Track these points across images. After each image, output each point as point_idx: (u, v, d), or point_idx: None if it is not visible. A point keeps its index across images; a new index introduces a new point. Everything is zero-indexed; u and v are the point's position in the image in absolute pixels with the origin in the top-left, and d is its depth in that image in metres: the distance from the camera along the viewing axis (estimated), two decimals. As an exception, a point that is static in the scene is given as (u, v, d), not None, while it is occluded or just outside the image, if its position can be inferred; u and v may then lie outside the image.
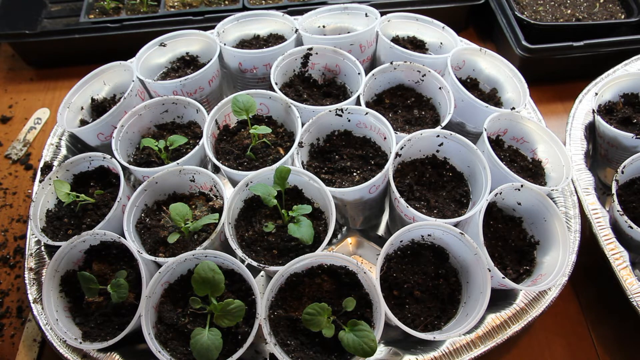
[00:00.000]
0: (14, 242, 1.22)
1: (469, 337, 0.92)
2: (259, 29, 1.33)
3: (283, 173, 0.92)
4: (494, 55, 1.20)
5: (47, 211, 1.04)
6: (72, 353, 0.91)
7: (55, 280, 0.94)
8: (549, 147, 1.08)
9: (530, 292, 0.96)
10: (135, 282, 0.92)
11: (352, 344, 0.78)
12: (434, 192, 1.03)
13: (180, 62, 1.29)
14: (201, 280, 0.82)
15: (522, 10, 1.53)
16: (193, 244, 0.95)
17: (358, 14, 1.30)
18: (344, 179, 1.01)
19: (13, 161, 1.38)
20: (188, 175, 1.02)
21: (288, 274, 0.88)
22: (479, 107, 1.08)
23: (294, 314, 0.86)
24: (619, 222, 1.02)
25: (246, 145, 1.06)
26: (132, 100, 1.13)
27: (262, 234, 0.95)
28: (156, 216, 1.02)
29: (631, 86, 1.23)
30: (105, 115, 1.05)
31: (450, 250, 0.96)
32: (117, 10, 1.57)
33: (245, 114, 1.04)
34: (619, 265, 0.99)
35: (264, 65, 1.22)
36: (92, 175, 1.09)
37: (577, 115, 1.25)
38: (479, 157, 0.99)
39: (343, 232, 1.16)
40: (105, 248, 0.96)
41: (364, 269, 0.85)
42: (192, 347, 0.80)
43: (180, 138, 1.07)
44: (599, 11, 1.54)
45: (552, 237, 0.96)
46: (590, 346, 1.04)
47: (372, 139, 1.09)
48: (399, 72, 1.17)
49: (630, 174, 1.09)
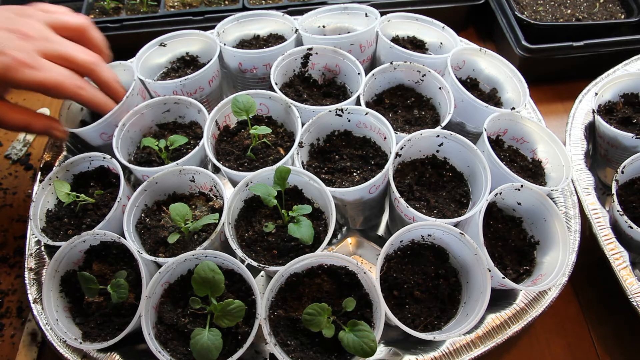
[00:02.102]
0: (14, 242, 1.22)
1: (469, 337, 0.92)
2: (259, 29, 1.32)
3: (283, 173, 0.92)
4: (494, 55, 1.20)
5: (47, 211, 1.04)
6: (72, 353, 0.91)
7: (55, 280, 0.94)
8: (549, 147, 1.08)
9: (530, 292, 0.96)
10: (135, 282, 0.92)
11: (352, 344, 0.78)
12: (434, 192, 1.03)
13: (180, 62, 1.29)
14: (201, 281, 0.82)
15: (522, 10, 1.53)
16: (193, 244, 0.95)
17: (358, 14, 1.30)
18: (344, 179, 1.01)
19: (13, 161, 1.38)
20: (188, 176, 1.02)
21: (288, 274, 0.88)
22: (479, 107, 1.08)
23: (294, 314, 0.86)
24: (619, 222, 1.02)
25: (246, 146, 1.06)
26: (134, 99, 1.13)
27: (262, 234, 0.95)
28: (156, 216, 1.02)
29: (631, 86, 1.23)
30: (107, 114, 1.05)
31: (450, 251, 0.96)
32: (117, 10, 1.57)
33: (245, 115, 1.04)
34: (619, 265, 0.99)
35: (263, 65, 1.22)
36: (92, 176, 1.09)
37: (577, 115, 1.25)
38: (479, 157, 0.99)
39: (343, 232, 1.16)
40: (106, 248, 0.96)
41: (364, 269, 0.85)
42: (192, 347, 0.80)
43: (181, 138, 1.07)
44: (599, 11, 1.54)
45: (552, 237, 0.96)
46: (590, 346, 1.04)
47: (372, 139, 1.09)
48: (398, 72, 1.17)
49: (630, 174, 1.09)
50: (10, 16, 0.95)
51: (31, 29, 0.94)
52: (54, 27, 0.99)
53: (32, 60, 0.91)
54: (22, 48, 0.91)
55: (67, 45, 0.98)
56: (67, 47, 0.98)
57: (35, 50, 0.93)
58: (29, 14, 0.98)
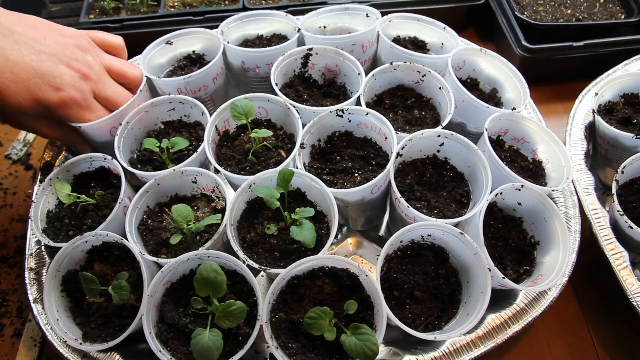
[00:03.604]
0: (14, 242, 1.22)
1: (469, 337, 0.92)
2: (262, 28, 1.32)
3: (286, 175, 0.92)
4: (494, 55, 1.20)
5: (48, 212, 1.04)
6: (72, 353, 0.91)
7: (57, 280, 0.94)
8: (549, 148, 1.08)
9: (530, 292, 0.97)
10: (136, 283, 0.92)
11: (354, 347, 0.78)
12: (435, 192, 1.04)
13: (186, 60, 1.29)
14: (203, 281, 0.82)
15: (522, 10, 1.53)
16: (195, 246, 0.94)
17: (359, 14, 1.30)
18: (345, 180, 1.01)
19: (13, 161, 1.38)
20: (190, 177, 1.02)
21: (289, 277, 0.88)
22: (479, 107, 1.08)
23: (296, 316, 0.86)
24: (619, 222, 1.02)
25: (247, 150, 1.06)
26: (143, 95, 1.14)
27: (264, 236, 0.95)
28: (158, 218, 1.02)
29: (631, 86, 1.24)
30: (118, 109, 1.05)
31: (450, 250, 0.96)
32: (117, 10, 1.57)
33: (244, 118, 1.04)
34: (619, 265, 0.99)
35: (266, 65, 1.21)
36: (93, 176, 1.09)
37: (577, 115, 1.25)
38: (479, 157, 0.99)
39: (343, 232, 1.16)
40: (108, 249, 0.96)
41: (365, 271, 0.86)
42: (193, 348, 0.80)
43: (182, 141, 1.07)
44: (599, 11, 1.54)
45: (552, 237, 0.97)
46: (590, 346, 1.04)
47: (373, 139, 1.09)
48: (399, 73, 1.17)
49: (630, 174, 1.09)
50: (73, 50, 1.00)
51: (90, 69, 1.01)
52: (109, 71, 1.07)
53: (85, 101, 0.99)
54: (80, 88, 0.98)
55: (115, 90, 1.06)
56: (115, 92, 1.06)
57: (90, 90, 1.01)
58: (87, 48, 1.03)
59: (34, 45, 0.94)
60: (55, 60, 0.96)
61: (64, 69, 0.96)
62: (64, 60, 0.97)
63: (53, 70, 0.94)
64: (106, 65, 1.06)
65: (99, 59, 1.05)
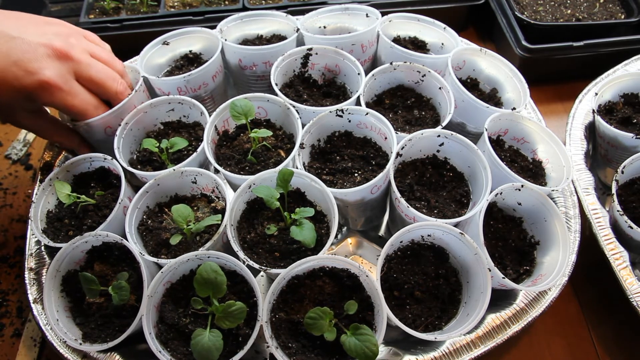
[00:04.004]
0: (14, 242, 1.22)
1: (469, 337, 0.92)
2: (261, 28, 1.32)
3: (286, 175, 0.92)
4: (494, 55, 1.20)
5: (48, 212, 1.04)
6: (72, 353, 0.91)
7: (57, 280, 0.94)
8: (549, 148, 1.08)
9: (530, 292, 0.97)
10: (136, 283, 0.92)
11: (354, 348, 0.78)
12: (435, 192, 1.04)
13: (183, 59, 1.29)
14: (203, 281, 0.82)
15: (522, 10, 1.53)
16: (195, 246, 0.94)
17: (359, 14, 1.30)
18: (345, 180, 1.01)
19: (13, 161, 1.38)
20: (190, 177, 1.02)
21: (290, 277, 0.88)
22: (479, 108, 1.08)
23: (296, 316, 0.86)
24: (619, 222, 1.02)
25: (247, 150, 1.06)
26: (140, 97, 1.13)
27: (264, 236, 0.95)
28: (158, 218, 1.02)
29: (631, 86, 1.24)
30: (114, 108, 1.05)
31: (450, 251, 0.96)
32: (117, 10, 1.57)
33: (244, 118, 1.04)
34: (619, 265, 0.99)
35: (263, 63, 1.21)
36: (93, 176, 1.09)
37: (577, 115, 1.25)
38: (479, 157, 0.99)
39: (343, 232, 1.16)
40: (107, 249, 0.96)
41: (365, 272, 0.86)
42: (193, 348, 0.80)
43: (182, 141, 1.07)
44: (599, 11, 1.54)
45: (552, 237, 0.97)
46: (590, 346, 1.04)
47: (372, 139, 1.09)
48: (398, 73, 1.17)
49: (630, 174, 1.09)
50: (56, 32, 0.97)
51: (71, 48, 0.96)
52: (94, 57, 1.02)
53: (65, 83, 0.94)
54: (59, 70, 0.93)
55: (98, 69, 1.01)
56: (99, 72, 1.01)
57: (70, 71, 0.96)
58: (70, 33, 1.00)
59: (10, 32, 0.90)
60: (31, 43, 0.91)
61: (42, 50, 0.92)
62: (42, 42, 0.92)
63: (28, 54, 0.90)
64: (91, 53, 1.01)
65: (83, 43, 1.00)
